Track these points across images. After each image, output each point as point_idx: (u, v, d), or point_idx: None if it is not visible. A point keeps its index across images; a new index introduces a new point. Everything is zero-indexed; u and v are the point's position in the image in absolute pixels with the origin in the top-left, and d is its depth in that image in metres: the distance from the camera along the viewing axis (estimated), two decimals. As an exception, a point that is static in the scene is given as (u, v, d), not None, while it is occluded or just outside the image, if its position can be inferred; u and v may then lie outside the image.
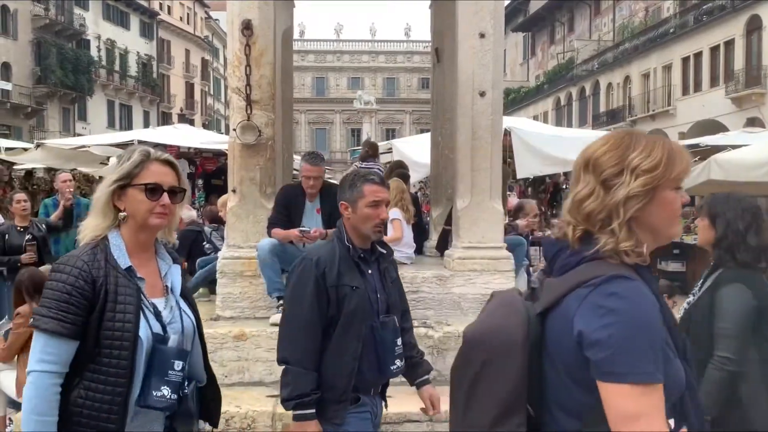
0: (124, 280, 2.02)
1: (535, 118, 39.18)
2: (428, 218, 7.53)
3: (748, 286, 2.92)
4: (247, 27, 5.11)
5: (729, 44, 25.14)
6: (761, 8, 23.19)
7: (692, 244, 11.37)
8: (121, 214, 2.11)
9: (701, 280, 3.14)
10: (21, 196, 7.27)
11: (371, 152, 8.86)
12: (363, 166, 7.59)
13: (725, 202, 3.06)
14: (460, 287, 5.21)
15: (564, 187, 12.94)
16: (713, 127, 22.93)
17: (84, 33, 40.46)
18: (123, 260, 2.06)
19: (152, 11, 48.72)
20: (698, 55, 27.19)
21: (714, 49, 26.13)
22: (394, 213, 5.83)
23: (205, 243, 7.05)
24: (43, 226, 7.22)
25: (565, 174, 12.30)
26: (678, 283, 9.28)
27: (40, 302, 2.02)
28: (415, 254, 6.28)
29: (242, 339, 4.67)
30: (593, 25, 40.63)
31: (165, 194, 2.10)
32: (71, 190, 7.84)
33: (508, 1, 49.10)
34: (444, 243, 6.21)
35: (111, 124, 43.50)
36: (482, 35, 5.23)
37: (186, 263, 7.15)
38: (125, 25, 45.80)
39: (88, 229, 2.12)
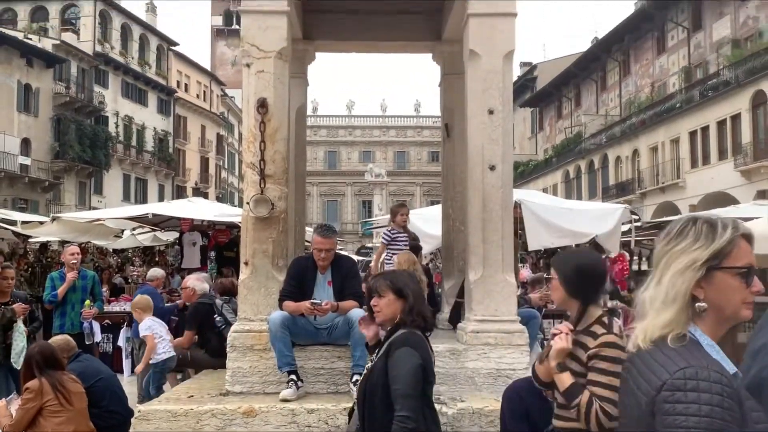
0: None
1: (545, 190, 39.47)
2: (440, 290, 7.49)
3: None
4: (262, 105, 5.25)
5: (735, 118, 25.43)
6: (766, 83, 23.56)
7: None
8: (700, 305, 1.71)
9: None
10: (10, 272, 7.02)
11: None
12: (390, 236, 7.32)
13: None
14: (473, 362, 5.14)
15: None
16: (723, 199, 22.96)
17: (103, 110, 41.58)
18: (728, 366, 1.66)
19: (170, 89, 50.14)
20: (705, 129, 27.48)
21: (721, 123, 26.42)
22: None
23: (216, 316, 7.03)
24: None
25: (577, 246, 12.26)
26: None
27: None
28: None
29: (251, 415, 4.60)
30: (600, 100, 41.36)
31: (756, 279, 1.73)
32: (76, 262, 7.82)
33: (516, 78, 50.29)
34: (457, 316, 6.16)
35: (126, 198, 44.11)
36: (491, 112, 5.34)
37: (197, 337, 7.12)
38: (143, 102, 47.09)
39: (661, 325, 1.70)
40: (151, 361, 6.82)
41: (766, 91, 23.63)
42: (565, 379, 2.66)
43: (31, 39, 36.23)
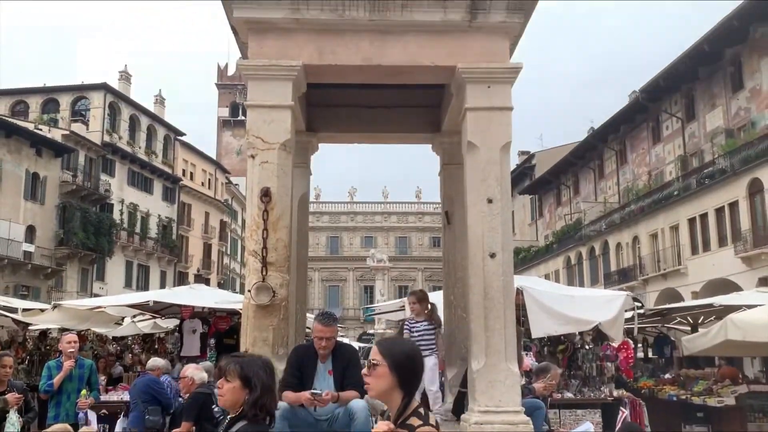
0: None
1: (547, 276, 39.34)
2: (443, 378, 7.39)
3: None
4: (265, 194, 5.37)
5: (733, 206, 25.66)
6: (761, 171, 23.91)
7: (717, 407, 11.03)
8: None
9: None
10: (8, 360, 6.99)
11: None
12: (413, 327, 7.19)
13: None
14: (478, 454, 5.03)
15: (580, 347, 12.73)
16: (726, 286, 22.88)
17: (108, 197, 42.13)
18: None
19: (175, 177, 50.96)
20: (704, 216, 27.68)
21: (719, 211, 26.64)
22: None
23: (214, 406, 6.91)
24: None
25: (581, 334, 12.16)
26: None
27: None
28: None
29: None
30: (598, 188, 41.88)
31: None
32: (74, 351, 7.73)
33: (514, 167, 51.15)
34: (460, 406, 6.07)
35: (128, 284, 44.02)
36: (490, 201, 5.45)
37: (195, 428, 6.97)
38: (149, 190, 47.75)
39: None
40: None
41: (761, 179, 23.95)
42: None
43: (41, 129, 37.18)
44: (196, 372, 7.47)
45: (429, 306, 7.08)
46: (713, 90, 29.73)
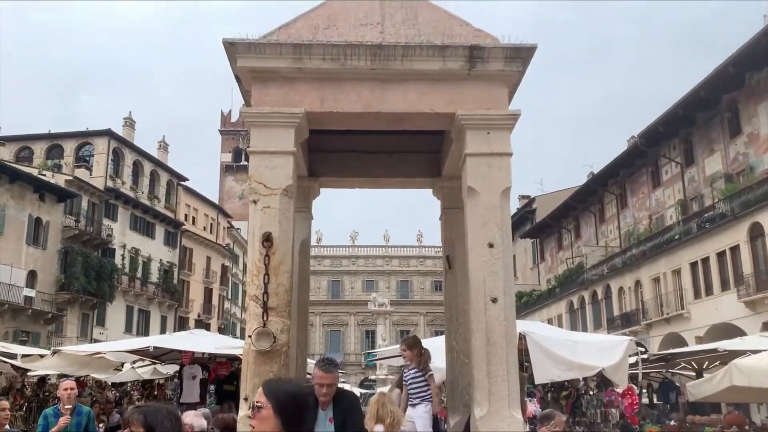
0: None
1: (550, 321, 39.11)
2: (445, 426, 7.30)
3: None
4: (267, 239, 5.39)
5: (734, 250, 25.63)
6: (761, 215, 23.97)
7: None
8: None
9: None
10: (5, 403, 6.94)
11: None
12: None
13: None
14: (481, 504, 4.94)
15: (584, 393, 12.59)
16: (729, 331, 22.74)
17: (110, 242, 42.18)
18: None
19: (177, 222, 51.10)
20: (705, 261, 27.63)
21: (720, 255, 26.61)
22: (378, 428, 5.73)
23: (214, 454, 6.82)
24: None
25: (584, 380, 12.04)
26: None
27: None
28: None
29: None
30: (599, 232, 41.91)
31: None
32: (71, 397, 7.64)
33: (515, 210, 51.29)
34: (462, 454, 5.98)
35: (128, 329, 43.75)
36: (491, 245, 5.46)
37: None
38: (150, 235, 47.83)
39: None
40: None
41: (762, 223, 23.98)
42: None
43: (44, 175, 37.46)
44: (195, 419, 7.38)
45: (421, 352, 7.04)
46: (711, 135, 30.01)
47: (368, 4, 6.20)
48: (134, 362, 15.48)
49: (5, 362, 13.47)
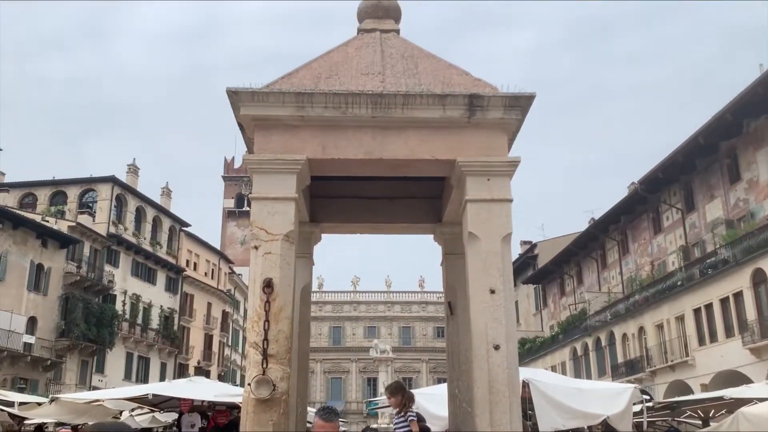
0: None
1: (553, 368, 38.65)
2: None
3: None
4: (268, 285, 5.39)
5: (738, 296, 25.48)
6: (763, 261, 23.90)
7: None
8: None
9: None
10: None
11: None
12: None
13: None
14: None
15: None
16: (735, 378, 22.47)
17: (111, 288, 42.06)
18: None
19: (179, 267, 51.03)
20: (709, 307, 27.45)
21: (724, 301, 26.44)
22: None
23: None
24: None
25: (589, 428, 11.86)
26: None
27: None
28: None
29: None
30: (602, 278, 41.76)
31: None
32: None
33: (517, 256, 51.23)
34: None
35: (128, 377, 43.28)
36: (492, 291, 5.45)
37: None
38: (152, 281, 47.74)
39: None
40: None
41: (765, 269, 23.90)
42: None
43: (47, 221, 37.58)
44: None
45: (404, 396, 6.95)
46: (711, 181, 30.16)
47: (369, 55, 6.33)
48: (133, 410, 15.28)
49: (2, 410, 13.30)
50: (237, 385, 20.18)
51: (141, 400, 13.53)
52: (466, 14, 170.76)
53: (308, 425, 7.97)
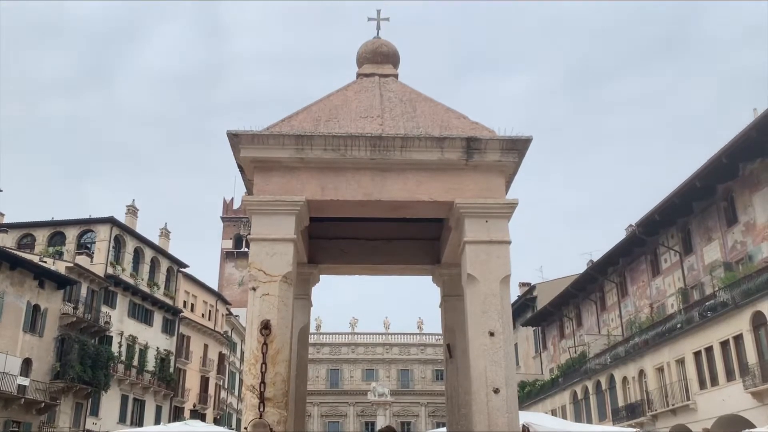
0: None
1: (553, 412, 38.15)
2: None
3: None
4: (265, 327, 5.37)
5: (738, 339, 25.30)
6: (763, 304, 23.80)
7: None
8: None
9: None
10: None
11: None
12: None
13: None
14: None
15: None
16: (738, 422, 22.20)
17: (108, 330, 41.70)
18: None
19: (176, 309, 50.71)
20: (709, 350, 27.23)
21: (724, 344, 26.25)
22: None
23: None
24: None
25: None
26: None
27: None
28: None
29: None
30: (601, 320, 41.54)
31: None
32: None
33: (516, 298, 51.03)
34: None
35: (122, 420, 42.64)
36: (492, 334, 5.43)
37: None
38: (148, 322, 47.38)
39: None
40: None
41: (764, 312, 23.80)
42: None
43: (45, 262, 37.48)
44: None
45: None
46: (708, 224, 30.25)
47: (369, 99, 6.43)
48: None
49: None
50: (233, 430, 19.93)
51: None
52: (464, 59, 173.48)
53: (305, 470, 7.85)
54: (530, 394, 44.61)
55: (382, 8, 7.31)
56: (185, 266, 53.21)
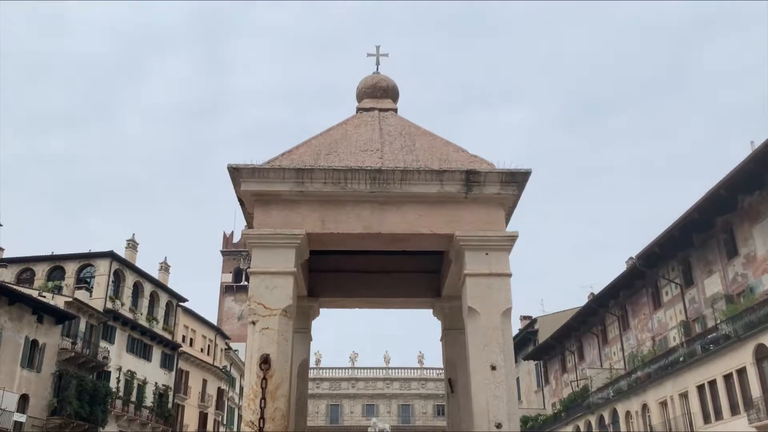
0: None
1: (557, 448, 37.58)
2: None
3: None
4: (265, 361, 5.32)
5: (741, 372, 25.08)
6: (765, 337, 23.63)
7: None
8: None
9: None
10: None
11: None
12: None
13: None
14: None
15: None
16: (745, 457, 21.81)
17: (106, 365, 41.37)
18: None
19: (175, 344, 50.34)
20: (713, 383, 26.97)
21: (727, 377, 26.00)
22: None
23: None
24: None
25: None
26: None
27: None
28: None
29: None
30: (603, 353, 41.20)
31: None
32: None
33: (517, 331, 50.68)
34: None
35: (118, 457, 42.02)
36: (493, 367, 5.38)
37: None
38: (147, 357, 47.00)
39: None
40: None
41: (767, 344, 23.63)
42: None
43: (44, 297, 37.31)
44: None
45: None
46: (708, 256, 30.20)
47: (368, 132, 6.48)
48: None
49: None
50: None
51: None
52: (463, 94, 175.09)
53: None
54: (533, 429, 44.02)
55: (382, 44, 7.42)
56: (184, 300, 52.98)
